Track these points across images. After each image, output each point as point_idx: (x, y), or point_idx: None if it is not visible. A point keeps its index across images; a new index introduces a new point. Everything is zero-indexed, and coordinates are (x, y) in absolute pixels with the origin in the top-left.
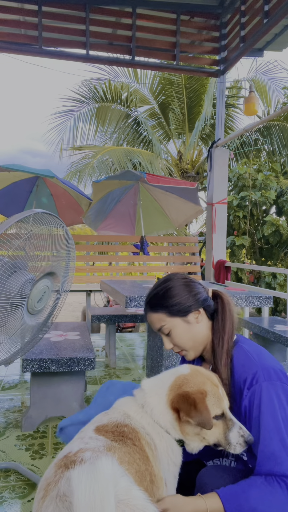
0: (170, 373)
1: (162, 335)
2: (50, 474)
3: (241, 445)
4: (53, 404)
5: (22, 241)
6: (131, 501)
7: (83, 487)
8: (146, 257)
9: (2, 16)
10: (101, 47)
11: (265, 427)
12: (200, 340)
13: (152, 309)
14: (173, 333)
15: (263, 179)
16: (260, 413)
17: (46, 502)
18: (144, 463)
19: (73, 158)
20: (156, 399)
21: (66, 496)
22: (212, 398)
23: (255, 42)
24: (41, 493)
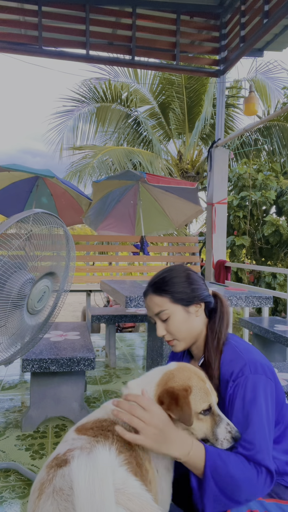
0: (157, 370)
1: (158, 321)
2: (42, 475)
3: (228, 441)
4: (53, 404)
5: (22, 241)
6: (127, 490)
7: (83, 474)
8: (146, 257)
9: (2, 16)
10: (101, 47)
11: (248, 417)
12: (194, 333)
13: (156, 292)
14: (171, 320)
15: (263, 179)
16: (244, 403)
17: (43, 500)
18: (128, 450)
19: (73, 158)
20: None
21: (62, 490)
22: (198, 393)
23: (255, 42)
24: (36, 494)
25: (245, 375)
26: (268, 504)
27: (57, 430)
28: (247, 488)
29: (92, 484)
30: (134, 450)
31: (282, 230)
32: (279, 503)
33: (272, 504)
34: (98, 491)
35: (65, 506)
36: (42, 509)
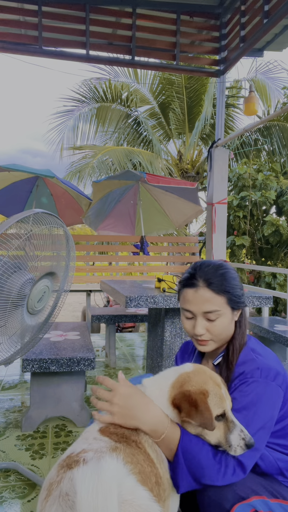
0: (173, 371)
1: (200, 318)
2: (52, 475)
3: (242, 448)
4: (53, 404)
5: (22, 241)
6: (135, 501)
7: (86, 486)
8: (146, 257)
9: (2, 16)
10: (101, 47)
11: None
12: (228, 336)
13: (214, 289)
14: (219, 322)
15: (263, 179)
16: (245, 402)
17: (49, 502)
18: (148, 465)
19: (73, 158)
20: (157, 393)
21: (68, 495)
22: (214, 398)
23: (255, 42)
24: (44, 493)
25: (254, 378)
26: (272, 504)
27: (57, 430)
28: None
29: (95, 497)
30: (154, 467)
31: (282, 230)
32: (284, 504)
33: (276, 505)
34: (101, 505)
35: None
36: (48, 510)
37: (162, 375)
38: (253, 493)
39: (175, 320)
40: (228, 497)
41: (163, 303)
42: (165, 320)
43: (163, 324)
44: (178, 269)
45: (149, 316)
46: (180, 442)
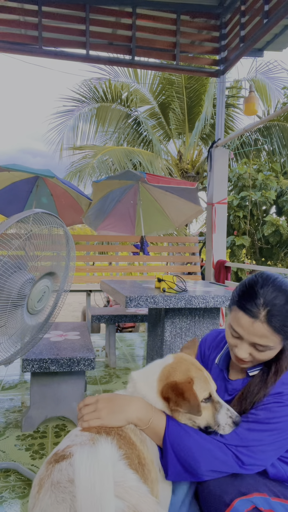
0: (156, 365)
1: (246, 344)
2: (42, 472)
3: (230, 426)
4: (53, 404)
5: (22, 241)
6: (126, 483)
7: (84, 466)
8: (146, 257)
9: (2, 16)
10: (101, 47)
11: (268, 432)
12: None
13: (274, 326)
14: (267, 353)
15: (263, 179)
16: (274, 421)
17: (42, 494)
18: (129, 448)
19: (73, 158)
20: (146, 389)
21: (60, 483)
22: (199, 383)
23: (255, 42)
24: (36, 488)
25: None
26: (273, 503)
27: (57, 430)
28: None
29: (93, 476)
30: (136, 449)
31: (282, 230)
32: (285, 503)
33: (278, 503)
34: (98, 482)
35: (62, 497)
36: (41, 502)
37: (148, 370)
38: (255, 490)
39: (175, 320)
40: (228, 490)
41: (163, 303)
42: (165, 320)
43: (163, 324)
44: (178, 269)
45: (149, 316)
46: (167, 428)
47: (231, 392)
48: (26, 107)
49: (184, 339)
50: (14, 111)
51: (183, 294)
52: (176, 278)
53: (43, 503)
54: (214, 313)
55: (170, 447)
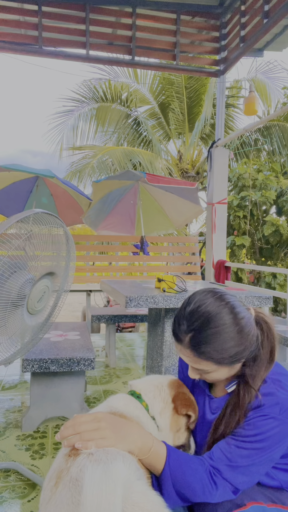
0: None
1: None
2: (60, 463)
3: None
4: (53, 404)
5: (22, 241)
6: (146, 506)
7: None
8: (146, 257)
9: (2, 16)
10: (101, 47)
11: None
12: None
13: (196, 352)
14: (213, 375)
15: (263, 179)
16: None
17: (60, 487)
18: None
19: (73, 158)
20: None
21: (78, 481)
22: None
23: (255, 42)
24: (53, 481)
25: (271, 414)
26: (269, 509)
27: (57, 430)
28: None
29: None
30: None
31: (282, 230)
32: (282, 509)
33: (274, 509)
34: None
35: (78, 500)
36: (58, 495)
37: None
38: (250, 500)
39: None
40: (223, 503)
41: (163, 303)
42: (165, 320)
43: (163, 324)
44: (178, 269)
45: (149, 316)
46: (168, 458)
47: (214, 410)
48: (26, 107)
49: None
50: (14, 111)
51: (183, 294)
52: (176, 278)
53: (59, 499)
54: None
55: (170, 478)
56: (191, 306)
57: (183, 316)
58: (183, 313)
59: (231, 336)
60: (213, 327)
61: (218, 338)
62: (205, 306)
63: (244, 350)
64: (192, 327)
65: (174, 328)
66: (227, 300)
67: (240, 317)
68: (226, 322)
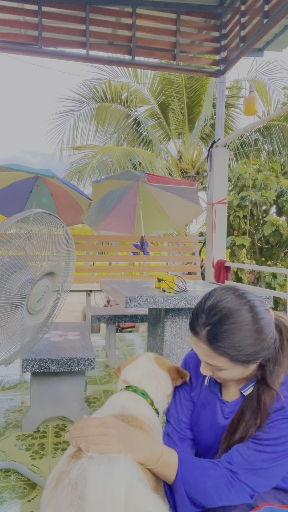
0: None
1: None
2: (62, 465)
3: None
4: (53, 404)
5: (22, 241)
6: (147, 507)
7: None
8: (146, 257)
9: (2, 16)
10: (101, 47)
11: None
12: (246, 376)
13: (212, 346)
14: (226, 373)
15: (263, 179)
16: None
17: (59, 490)
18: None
19: (73, 158)
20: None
21: (77, 485)
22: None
23: (255, 42)
24: (53, 483)
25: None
26: (280, 511)
27: (57, 430)
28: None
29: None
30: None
31: (282, 230)
32: None
33: (285, 511)
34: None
35: (78, 503)
36: (57, 498)
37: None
38: (262, 501)
39: (175, 320)
40: (237, 506)
41: (163, 303)
42: (165, 320)
43: (163, 324)
44: (178, 269)
45: (149, 316)
46: (179, 466)
47: (227, 415)
48: (26, 107)
49: (184, 339)
50: (14, 111)
51: (183, 294)
52: (176, 278)
53: (58, 500)
54: None
55: (183, 486)
56: (211, 300)
57: (202, 309)
58: (202, 307)
59: (249, 334)
60: (231, 323)
61: (235, 335)
62: (225, 302)
63: (261, 351)
64: (210, 321)
65: (192, 320)
66: (248, 298)
67: (259, 316)
68: (245, 319)
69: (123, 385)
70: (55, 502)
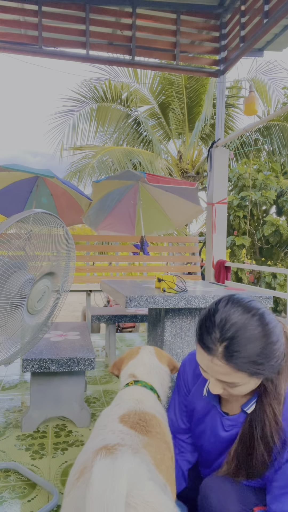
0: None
1: (213, 379)
2: (87, 459)
3: None
4: (53, 404)
5: (22, 241)
6: (157, 507)
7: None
8: (146, 257)
9: (2, 16)
10: (101, 47)
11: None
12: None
13: (232, 363)
14: (240, 389)
15: (263, 179)
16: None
17: (80, 482)
18: (168, 450)
19: (73, 158)
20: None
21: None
22: None
23: (255, 42)
24: (76, 476)
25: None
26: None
27: (57, 430)
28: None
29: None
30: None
31: (282, 230)
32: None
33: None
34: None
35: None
36: (76, 491)
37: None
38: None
39: (175, 320)
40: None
41: (163, 303)
42: (165, 320)
43: (163, 324)
44: (178, 269)
45: (149, 316)
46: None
47: (228, 428)
48: (26, 107)
49: (184, 339)
50: (14, 111)
51: (183, 294)
52: (176, 278)
53: (77, 493)
54: None
55: None
56: (221, 314)
57: (213, 323)
58: (212, 320)
59: (265, 345)
60: (248, 336)
61: (253, 348)
62: (236, 314)
63: (277, 360)
64: (226, 336)
65: (203, 337)
66: (257, 307)
67: (272, 325)
68: (260, 330)
69: (130, 379)
70: (74, 493)
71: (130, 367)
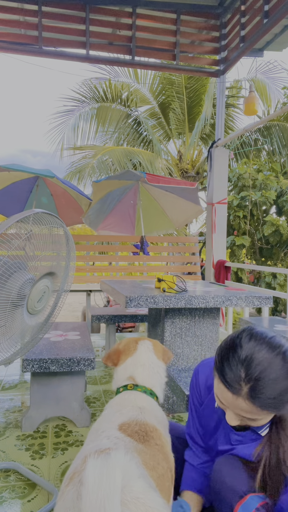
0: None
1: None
2: (77, 465)
3: None
4: (53, 404)
5: (22, 241)
6: (148, 502)
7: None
8: (146, 257)
9: (2, 16)
10: (101, 47)
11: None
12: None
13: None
14: (258, 422)
15: (263, 179)
16: None
17: (69, 487)
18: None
19: (73, 158)
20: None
21: (81, 482)
22: None
23: (255, 42)
24: (66, 482)
25: None
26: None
27: (57, 430)
28: None
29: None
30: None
31: (282, 230)
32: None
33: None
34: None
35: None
36: (66, 494)
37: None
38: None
39: (175, 320)
40: (242, 487)
41: (163, 303)
42: (165, 320)
43: (163, 324)
44: (178, 269)
45: (149, 316)
46: None
47: (234, 442)
48: (26, 107)
49: (184, 339)
50: (14, 111)
51: (183, 294)
52: (176, 278)
53: (67, 497)
54: (214, 313)
55: None
56: (245, 350)
57: (238, 360)
58: (236, 358)
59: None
60: (274, 377)
61: (279, 387)
62: (263, 352)
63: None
64: (252, 376)
65: (226, 374)
66: (281, 344)
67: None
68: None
69: (128, 381)
70: (64, 498)
71: (128, 367)
